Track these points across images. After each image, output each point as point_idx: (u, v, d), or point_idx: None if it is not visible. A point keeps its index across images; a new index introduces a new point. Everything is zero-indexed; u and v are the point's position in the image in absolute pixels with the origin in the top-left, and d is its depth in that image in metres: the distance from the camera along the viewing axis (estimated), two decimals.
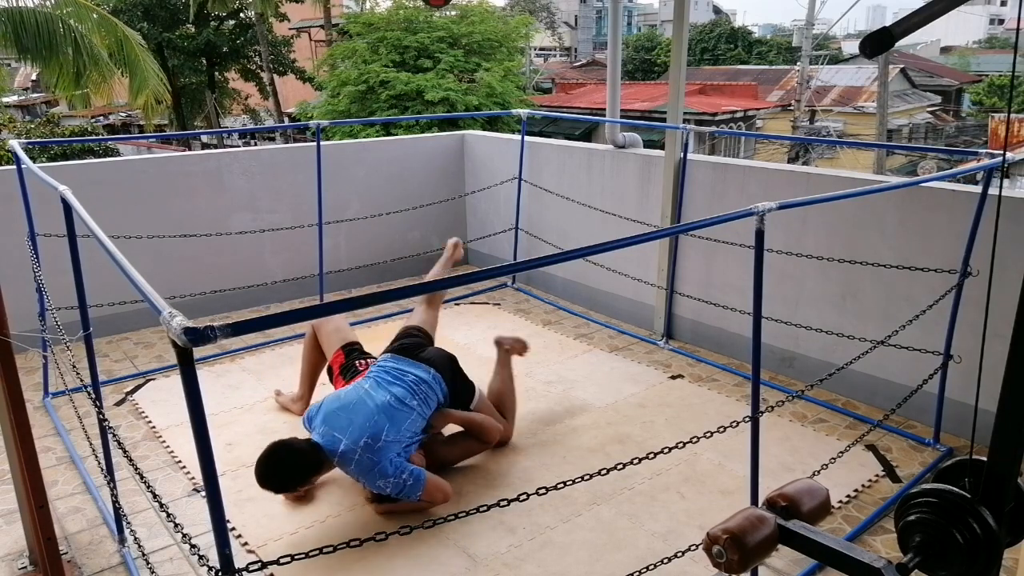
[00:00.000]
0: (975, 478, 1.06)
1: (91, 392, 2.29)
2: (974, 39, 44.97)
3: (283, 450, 2.68)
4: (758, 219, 2.07)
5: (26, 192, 3.40)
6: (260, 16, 19.12)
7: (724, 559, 1.00)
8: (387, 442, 2.69)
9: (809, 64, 21.47)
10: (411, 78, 12.24)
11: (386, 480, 2.67)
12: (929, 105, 26.15)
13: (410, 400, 2.83)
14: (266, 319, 1.37)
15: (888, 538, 2.68)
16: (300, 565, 1.75)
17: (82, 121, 20.73)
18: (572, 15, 46.22)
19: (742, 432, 2.36)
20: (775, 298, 3.79)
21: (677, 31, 4.04)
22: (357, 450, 2.66)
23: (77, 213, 2.12)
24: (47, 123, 17.42)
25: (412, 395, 2.85)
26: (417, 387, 2.90)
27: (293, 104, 21.34)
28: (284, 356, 4.26)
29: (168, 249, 4.52)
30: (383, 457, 2.67)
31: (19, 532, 2.60)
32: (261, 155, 5.08)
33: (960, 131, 24.30)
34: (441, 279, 2.01)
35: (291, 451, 2.68)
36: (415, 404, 2.84)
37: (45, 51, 8.26)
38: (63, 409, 3.61)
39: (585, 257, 2.32)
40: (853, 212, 3.50)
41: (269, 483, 2.69)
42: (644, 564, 2.19)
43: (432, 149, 5.79)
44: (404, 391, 2.85)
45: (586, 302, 5.06)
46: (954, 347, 3.11)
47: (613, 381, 3.73)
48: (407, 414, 2.80)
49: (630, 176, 4.63)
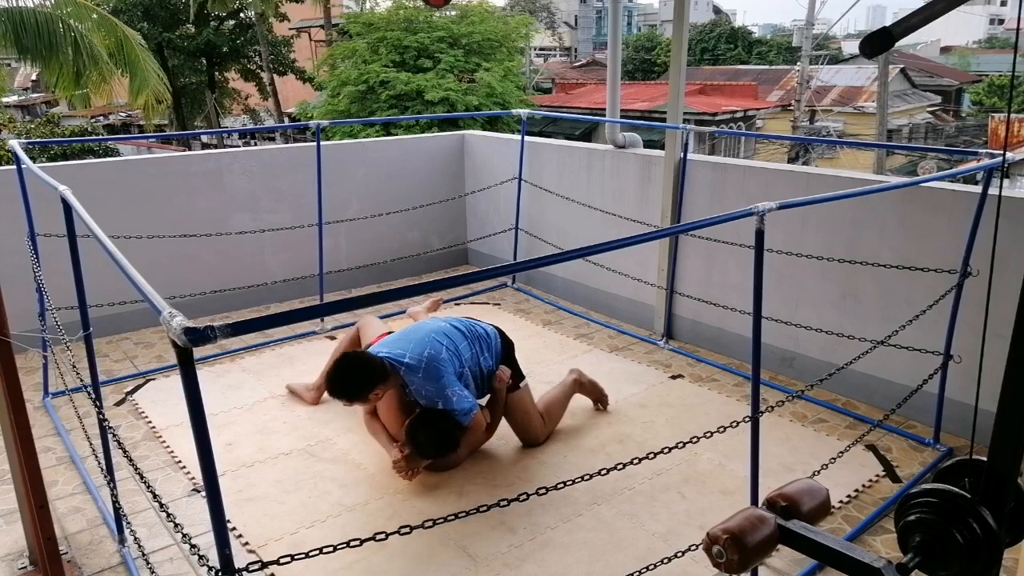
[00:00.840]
0: (975, 478, 1.06)
1: (91, 392, 2.29)
2: (974, 39, 44.97)
3: (352, 358, 2.88)
4: (758, 219, 2.07)
5: (26, 192, 3.40)
6: (260, 16, 19.13)
7: (724, 559, 1.00)
8: (447, 358, 2.92)
9: (809, 64, 21.46)
10: (411, 78, 12.23)
11: (452, 390, 2.88)
12: (929, 105, 26.16)
13: (467, 334, 3.09)
14: (266, 319, 1.38)
15: (888, 538, 2.68)
16: (300, 565, 1.75)
17: (82, 121, 20.73)
18: (572, 15, 46.22)
19: (742, 432, 2.36)
20: (775, 298, 3.79)
21: (677, 31, 4.04)
22: (422, 362, 2.88)
23: (77, 213, 2.12)
24: (47, 123, 17.41)
25: (469, 333, 3.11)
26: (474, 330, 3.15)
27: (293, 104, 21.35)
28: (284, 356, 4.26)
29: (168, 249, 4.52)
30: (445, 371, 2.89)
31: (19, 532, 2.61)
32: (261, 155, 5.08)
33: (960, 131, 24.30)
34: (441, 279, 2.01)
35: (359, 359, 2.88)
36: (470, 341, 3.08)
37: (45, 51, 8.26)
38: (63, 409, 3.61)
39: (585, 257, 2.32)
40: (853, 212, 3.50)
41: (339, 389, 2.85)
42: (644, 564, 2.19)
43: (432, 149, 5.79)
44: (462, 325, 3.13)
45: (586, 302, 5.06)
46: (954, 347, 3.11)
47: (613, 381, 3.73)
48: (463, 343, 3.05)
49: (630, 176, 4.63)
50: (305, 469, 3.11)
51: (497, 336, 3.24)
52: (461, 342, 3.06)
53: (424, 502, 2.88)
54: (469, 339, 3.10)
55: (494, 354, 3.17)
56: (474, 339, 3.12)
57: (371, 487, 2.98)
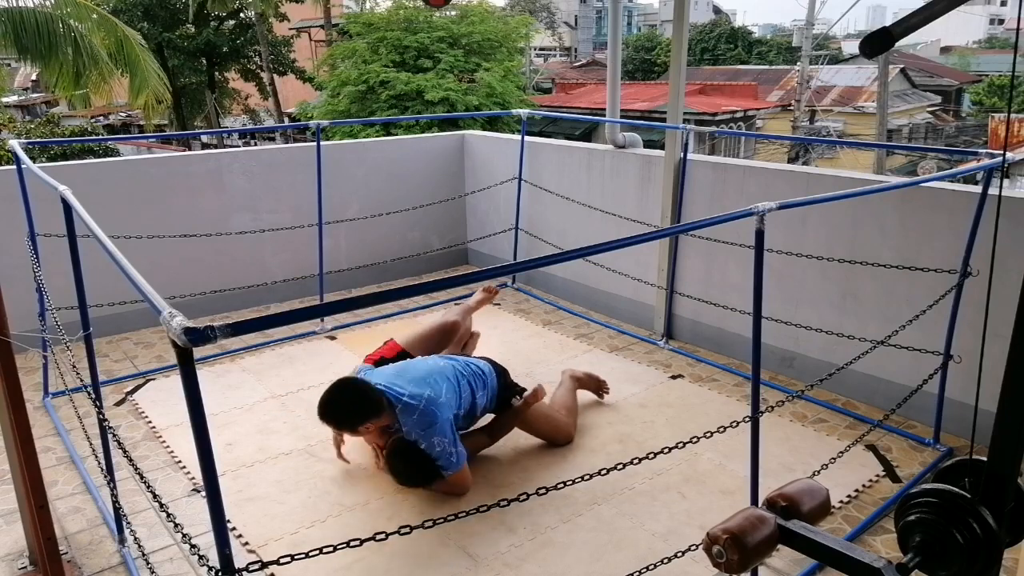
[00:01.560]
0: (975, 478, 1.06)
1: (91, 392, 2.29)
2: (974, 39, 44.97)
3: (350, 385, 2.80)
4: (758, 219, 2.07)
5: (26, 192, 3.40)
6: (260, 16, 19.13)
7: (724, 559, 1.00)
8: (445, 402, 2.82)
9: (809, 64, 21.46)
10: (411, 78, 12.23)
11: (442, 439, 2.76)
12: (929, 105, 26.15)
13: (467, 374, 3.03)
14: (266, 319, 1.37)
15: (888, 538, 2.68)
16: (300, 565, 1.75)
17: (82, 121, 20.73)
18: (572, 15, 46.22)
19: (742, 432, 2.36)
20: (775, 298, 3.79)
21: (677, 31, 4.04)
22: (420, 402, 2.77)
23: (77, 213, 2.12)
24: (47, 123, 17.40)
25: (468, 372, 3.05)
26: (472, 367, 3.09)
27: (293, 104, 21.34)
28: (284, 356, 4.26)
29: (168, 249, 4.52)
30: (441, 416, 2.78)
31: (19, 532, 2.61)
32: (261, 155, 5.08)
33: (960, 131, 24.30)
34: (441, 279, 2.00)
35: (357, 387, 2.78)
36: (470, 380, 3.02)
37: (45, 51, 8.27)
38: (63, 409, 3.61)
39: (585, 257, 2.32)
40: (853, 212, 3.50)
41: (329, 414, 2.80)
42: (644, 564, 2.19)
43: (432, 149, 5.79)
44: (462, 366, 3.07)
45: (586, 302, 5.06)
46: (954, 347, 3.11)
47: (613, 381, 3.73)
48: (463, 384, 2.98)
49: (630, 176, 4.63)
50: (305, 469, 3.11)
51: (492, 371, 3.16)
52: (461, 381, 2.99)
53: (424, 502, 2.87)
54: (468, 378, 3.03)
55: (489, 391, 3.10)
56: (472, 378, 3.05)
57: (371, 487, 2.98)
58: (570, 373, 3.60)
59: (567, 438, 3.28)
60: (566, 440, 3.27)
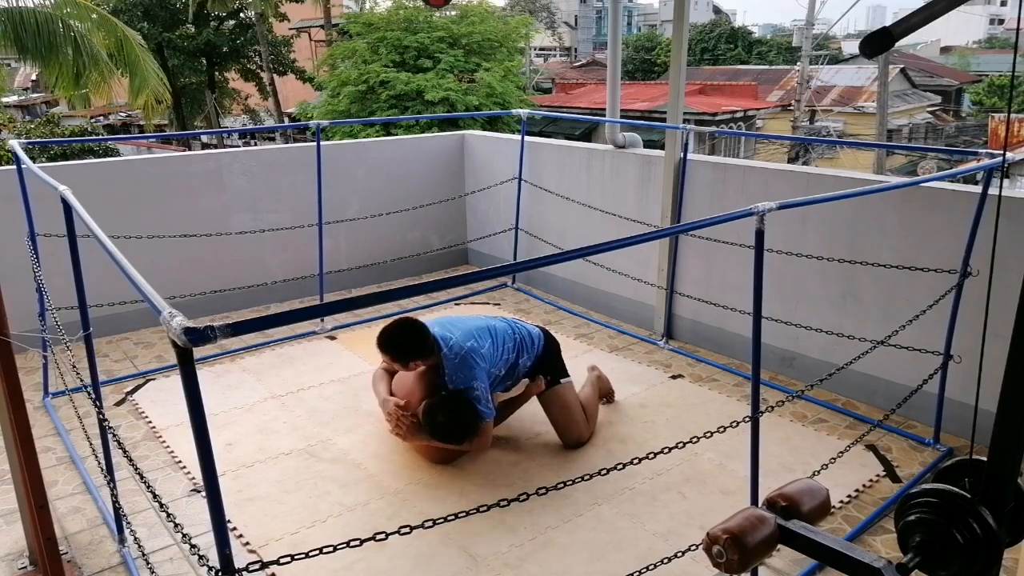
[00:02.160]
0: (975, 478, 1.06)
1: (91, 392, 2.29)
2: (974, 39, 44.95)
3: (410, 324, 3.01)
4: (758, 219, 2.07)
5: (26, 192, 3.40)
6: (260, 16, 19.12)
7: (724, 559, 1.00)
8: (486, 354, 3.05)
9: (809, 64, 21.45)
10: (411, 78, 12.23)
11: (477, 384, 2.99)
12: (929, 105, 26.15)
13: (512, 335, 3.21)
14: (266, 319, 1.37)
15: (888, 538, 2.68)
16: (300, 565, 1.74)
17: (82, 121, 20.71)
18: (572, 15, 46.21)
19: (742, 432, 2.36)
20: (775, 298, 3.79)
21: (677, 31, 4.04)
22: (464, 350, 3.00)
23: (77, 213, 2.12)
24: (47, 123, 17.40)
25: (515, 334, 3.23)
26: (518, 330, 3.27)
27: (293, 104, 21.34)
28: (284, 356, 4.26)
29: (168, 249, 4.52)
30: (478, 366, 3.01)
31: (19, 532, 2.61)
32: (261, 155, 5.08)
33: (960, 131, 24.29)
34: (441, 279, 2.00)
35: (416, 328, 3.01)
36: (517, 342, 3.21)
37: (45, 51, 8.26)
38: (63, 409, 3.61)
39: (585, 257, 2.32)
40: (853, 212, 3.50)
41: (389, 347, 2.98)
42: (645, 564, 2.19)
43: (432, 149, 5.79)
44: (509, 326, 3.27)
45: (586, 302, 5.06)
46: (954, 347, 3.11)
47: (613, 381, 3.73)
48: (508, 345, 3.17)
49: (630, 176, 4.63)
50: (305, 469, 3.11)
51: (541, 339, 3.33)
52: (507, 342, 3.19)
53: (424, 502, 2.88)
54: (515, 339, 3.23)
55: (534, 356, 3.27)
56: (520, 340, 3.25)
57: (371, 487, 2.98)
58: (597, 373, 3.61)
59: (578, 438, 3.25)
60: (576, 440, 3.24)
